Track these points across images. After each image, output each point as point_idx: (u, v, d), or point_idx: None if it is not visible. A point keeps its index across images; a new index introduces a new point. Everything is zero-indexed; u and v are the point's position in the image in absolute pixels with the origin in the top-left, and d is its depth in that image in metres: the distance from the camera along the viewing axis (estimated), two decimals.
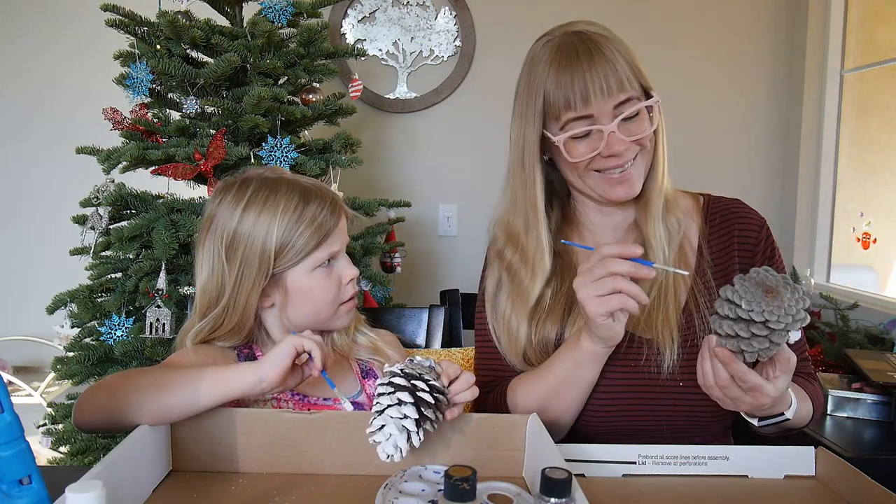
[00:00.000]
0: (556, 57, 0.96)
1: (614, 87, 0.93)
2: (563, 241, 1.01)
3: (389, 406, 0.78)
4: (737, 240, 1.05)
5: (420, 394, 0.78)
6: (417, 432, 0.78)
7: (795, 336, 0.77)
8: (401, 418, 0.77)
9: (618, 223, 1.08)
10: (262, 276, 0.98)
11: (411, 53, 2.59)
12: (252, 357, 1.04)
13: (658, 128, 1.00)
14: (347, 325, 1.09)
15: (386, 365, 0.85)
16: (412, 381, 0.79)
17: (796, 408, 0.91)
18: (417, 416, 0.77)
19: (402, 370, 0.81)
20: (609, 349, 0.94)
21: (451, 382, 0.83)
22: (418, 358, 0.85)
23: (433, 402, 0.79)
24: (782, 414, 0.90)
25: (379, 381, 0.82)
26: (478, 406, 1.06)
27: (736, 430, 1.06)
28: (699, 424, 1.00)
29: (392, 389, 0.79)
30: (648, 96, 0.98)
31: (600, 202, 1.05)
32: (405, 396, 0.78)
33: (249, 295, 0.99)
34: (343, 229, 1.04)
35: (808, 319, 0.77)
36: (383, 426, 0.78)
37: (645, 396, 0.99)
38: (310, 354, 0.85)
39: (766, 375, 0.83)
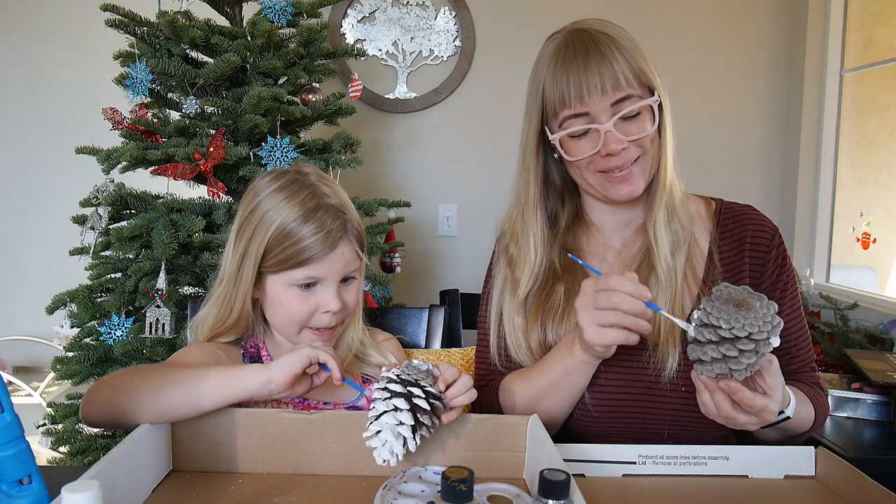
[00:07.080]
0: (556, 55, 0.97)
1: (609, 84, 0.93)
2: (569, 254, 0.99)
3: (385, 412, 0.78)
4: (748, 247, 1.03)
5: (416, 400, 0.78)
6: (413, 438, 0.77)
7: (776, 342, 0.76)
8: (397, 424, 0.77)
9: (625, 222, 1.07)
10: (250, 267, 0.98)
11: (411, 53, 2.58)
12: (257, 353, 1.05)
13: (663, 128, 0.98)
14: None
15: (383, 369, 0.85)
16: (408, 388, 0.79)
17: (795, 405, 0.90)
18: (413, 423, 0.77)
19: (398, 376, 0.81)
20: (600, 359, 0.93)
21: (448, 386, 0.83)
22: (416, 361, 0.85)
23: (429, 408, 0.79)
24: (782, 412, 0.88)
25: (375, 387, 0.82)
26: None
27: (736, 432, 1.06)
28: (700, 431, 0.99)
29: (388, 395, 0.79)
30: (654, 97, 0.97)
31: (605, 202, 1.05)
32: (401, 403, 0.78)
33: (244, 278, 0.98)
34: (339, 259, 0.98)
35: (782, 324, 0.76)
36: (379, 431, 0.78)
37: (644, 399, 0.98)
38: (323, 366, 0.85)
39: (760, 390, 0.81)
